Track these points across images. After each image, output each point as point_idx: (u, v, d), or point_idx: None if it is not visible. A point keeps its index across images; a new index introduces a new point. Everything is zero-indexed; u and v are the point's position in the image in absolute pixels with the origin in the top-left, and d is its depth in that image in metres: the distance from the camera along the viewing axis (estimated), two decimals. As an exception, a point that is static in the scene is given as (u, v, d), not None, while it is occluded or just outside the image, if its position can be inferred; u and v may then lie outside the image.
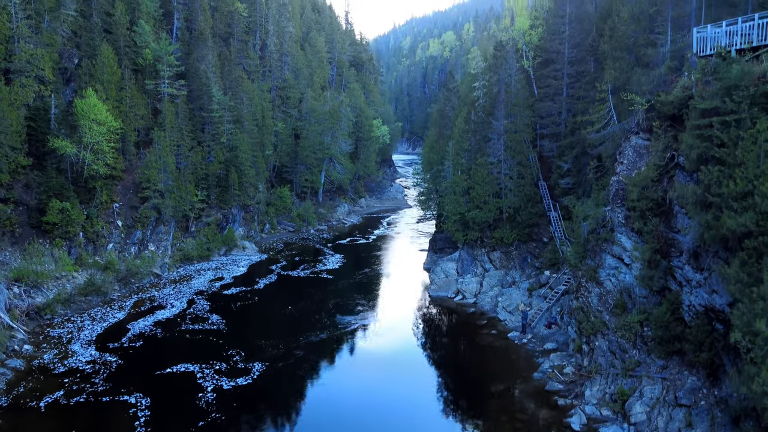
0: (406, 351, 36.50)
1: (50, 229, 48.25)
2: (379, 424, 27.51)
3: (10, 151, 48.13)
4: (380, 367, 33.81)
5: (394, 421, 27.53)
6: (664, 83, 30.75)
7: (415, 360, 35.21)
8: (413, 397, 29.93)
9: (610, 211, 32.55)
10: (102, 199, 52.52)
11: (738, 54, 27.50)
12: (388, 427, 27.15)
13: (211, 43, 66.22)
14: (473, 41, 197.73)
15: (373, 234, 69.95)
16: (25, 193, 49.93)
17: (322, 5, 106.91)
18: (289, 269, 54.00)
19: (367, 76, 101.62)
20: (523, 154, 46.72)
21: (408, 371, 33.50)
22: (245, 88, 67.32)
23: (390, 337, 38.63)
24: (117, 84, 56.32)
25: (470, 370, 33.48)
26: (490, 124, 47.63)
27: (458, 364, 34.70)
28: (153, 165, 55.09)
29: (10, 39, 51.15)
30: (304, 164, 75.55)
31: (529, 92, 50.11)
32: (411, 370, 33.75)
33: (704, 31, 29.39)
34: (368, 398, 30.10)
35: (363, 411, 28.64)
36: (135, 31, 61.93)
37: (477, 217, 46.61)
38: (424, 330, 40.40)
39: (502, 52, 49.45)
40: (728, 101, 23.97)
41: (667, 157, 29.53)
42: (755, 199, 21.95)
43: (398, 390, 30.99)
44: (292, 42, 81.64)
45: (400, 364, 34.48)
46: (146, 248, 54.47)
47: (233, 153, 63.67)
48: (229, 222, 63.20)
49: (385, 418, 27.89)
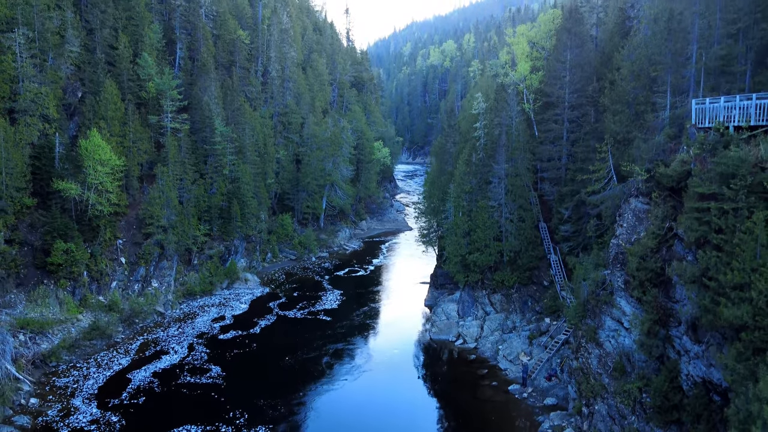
0: (407, 405, 36.91)
1: (55, 269, 48.65)
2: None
3: (15, 192, 48.53)
4: (379, 423, 34.21)
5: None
6: (663, 152, 31.17)
7: (415, 416, 35.62)
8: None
9: (610, 274, 32.99)
10: (106, 236, 52.93)
11: (736, 131, 27.95)
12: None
13: (214, 74, 66.63)
14: (474, 52, 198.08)
15: (372, 263, 70.26)
16: (29, 232, 50.33)
17: (323, 24, 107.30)
18: (288, 308, 54.19)
19: (368, 96, 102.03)
20: (523, 198, 47.16)
21: (408, 429, 33.91)
22: (247, 117, 67.75)
23: (390, 389, 39.04)
24: (120, 119, 56.72)
25: (471, 425, 33.88)
26: (491, 167, 48.05)
27: (459, 420, 35.10)
28: (156, 201, 55.50)
29: (15, 78, 51.53)
30: (305, 191, 75.99)
31: (530, 134, 50.56)
32: (411, 426, 34.16)
33: (703, 104, 29.81)
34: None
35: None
36: (138, 64, 62.31)
37: (478, 260, 47.06)
38: (426, 380, 40.79)
39: (503, 94, 49.87)
40: (726, 189, 24.39)
41: (665, 227, 29.97)
42: (752, 293, 22.38)
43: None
44: (294, 66, 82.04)
45: (400, 421, 34.86)
46: (149, 284, 54.90)
47: (235, 185, 64.10)
48: (232, 254, 63.64)
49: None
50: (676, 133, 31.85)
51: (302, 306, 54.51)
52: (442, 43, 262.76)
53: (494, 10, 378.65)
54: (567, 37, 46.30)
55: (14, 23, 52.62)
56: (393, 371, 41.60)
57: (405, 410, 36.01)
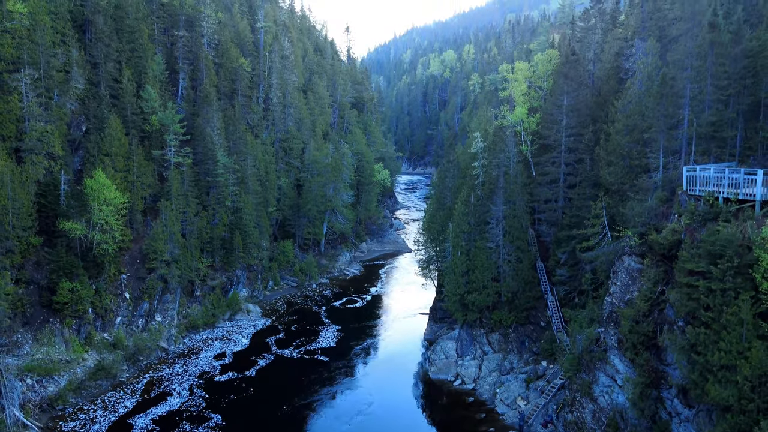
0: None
1: (60, 308, 49.49)
2: None
3: (22, 231, 49.36)
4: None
5: None
6: (655, 216, 32.05)
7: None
8: None
9: (604, 332, 33.87)
10: (110, 273, 53.80)
11: (725, 202, 28.85)
12: None
13: (216, 105, 67.51)
14: (473, 64, 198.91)
15: (371, 293, 70.74)
16: (35, 270, 51.21)
17: (324, 44, 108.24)
18: (286, 345, 54.25)
19: (368, 116, 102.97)
20: (521, 239, 48.04)
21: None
22: (249, 147, 68.65)
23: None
24: (124, 155, 57.60)
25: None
26: (488, 208, 48.92)
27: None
28: (160, 236, 56.39)
29: (21, 118, 52.39)
30: (306, 217, 76.89)
31: (528, 174, 51.43)
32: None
33: (693, 171, 30.71)
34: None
35: None
36: (142, 97, 63.19)
37: (476, 301, 47.95)
38: (425, 423, 41.64)
39: (501, 135, 50.76)
40: (713, 268, 25.27)
41: (657, 291, 30.85)
42: (738, 377, 23.25)
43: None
44: (295, 91, 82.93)
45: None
46: (153, 319, 55.78)
47: (237, 215, 64.99)
48: (234, 284, 64.52)
49: None
50: (667, 196, 32.73)
51: (300, 343, 55.02)
52: (443, 52, 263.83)
53: (494, 17, 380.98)
54: (564, 82, 47.21)
55: (20, 63, 53.50)
56: (392, 416, 42.42)
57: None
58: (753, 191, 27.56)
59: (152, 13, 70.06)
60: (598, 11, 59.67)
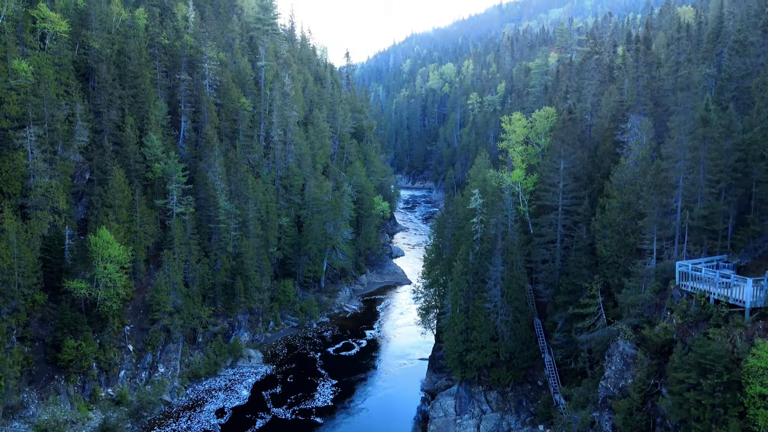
0: None
1: (65, 365, 50.26)
2: None
3: (27, 290, 50.10)
4: None
5: None
6: (649, 308, 32.87)
7: None
8: None
9: (599, 417, 34.67)
10: (114, 326, 54.55)
11: (716, 303, 29.67)
12: None
13: (218, 149, 68.27)
14: (472, 79, 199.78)
15: (368, 336, 71.10)
16: (40, 327, 51.97)
17: (324, 73, 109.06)
18: (282, 401, 54.43)
19: (368, 146, 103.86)
20: (519, 300, 48.86)
21: None
22: (250, 191, 69.39)
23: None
24: (128, 207, 58.33)
25: None
26: (487, 268, 49.73)
27: None
28: (163, 288, 57.16)
29: (26, 175, 53.09)
30: (307, 255, 77.68)
31: (525, 230, 52.26)
32: None
33: (686, 267, 31.53)
34: None
35: None
36: (144, 144, 63.95)
37: (475, 360, 48.76)
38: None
39: (499, 194, 51.56)
40: (703, 380, 26.08)
41: (651, 383, 31.67)
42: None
43: None
44: (295, 126, 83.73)
45: None
46: (156, 370, 56.53)
47: (239, 260, 65.75)
48: (235, 329, 65.31)
49: None
50: (661, 286, 33.55)
51: (296, 399, 54.87)
52: (442, 63, 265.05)
53: (493, 25, 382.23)
54: (561, 146, 48.03)
55: (25, 119, 54.22)
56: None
57: None
58: (742, 297, 28.35)
59: (154, 58, 70.79)
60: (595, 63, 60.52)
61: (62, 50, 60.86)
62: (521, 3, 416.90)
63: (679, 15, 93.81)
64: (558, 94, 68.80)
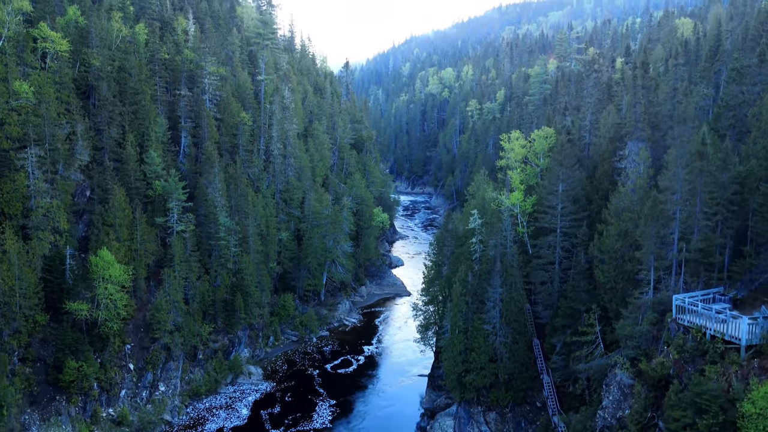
0: None
1: (66, 385, 50.50)
2: None
3: (29, 311, 50.33)
4: None
5: None
6: (646, 341, 33.16)
7: None
8: None
9: (596, 447, 34.95)
10: (115, 345, 54.82)
11: (712, 339, 29.96)
12: None
13: (218, 166, 68.49)
14: (472, 85, 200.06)
15: (366, 352, 71.00)
16: (42, 347, 52.23)
17: (324, 83, 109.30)
18: (281, 423, 54.51)
19: (368, 156, 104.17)
20: (518, 322, 49.14)
21: None
22: (250, 207, 69.63)
23: None
24: (128, 225, 58.57)
25: None
26: (486, 289, 50.00)
27: None
28: (163, 307, 57.43)
29: (27, 196, 53.31)
30: (306, 269, 77.96)
31: (524, 251, 52.52)
32: None
33: (683, 302, 31.82)
34: None
35: None
36: (145, 161, 64.21)
37: (474, 381, 49.03)
38: None
39: (498, 215, 51.84)
40: (699, 420, 26.36)
41: (648, 416, 31.95)
42: None
43: None
44: (295, 139, 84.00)
45: None
46: (157, 389, 56.79)
47: (239, 276, 66.00)
48: (236, 346, 65.57)
49: None
50: (658, 318, 33.84)
51: (294, 420, 54.99)
52: (442, 67, 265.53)
53: (493, 28, 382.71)
54: (559, 169, 48.31)
55: (26, 140, 54.44)
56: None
57: None
58: (738, 334, 28.63)
59: (154, 74, 71.05)
60: (594, 81, 60.82)
61: (63, 69, 61.11)
62: (521, 5, 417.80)
63: (678, 27, 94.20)
64: (557, 109, 69.09)
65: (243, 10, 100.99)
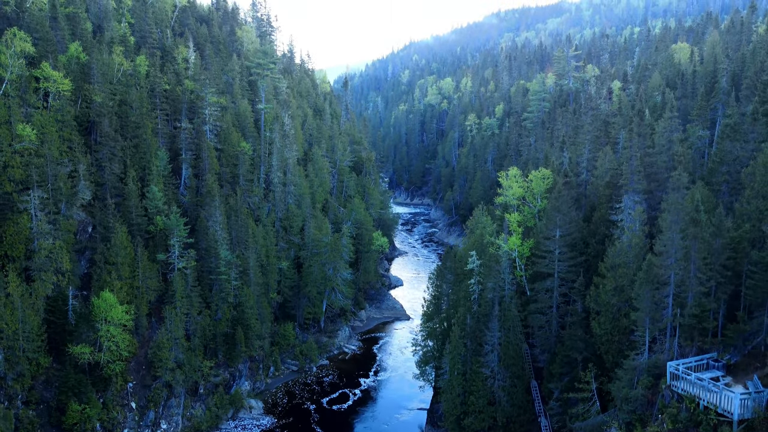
0: None
1: (69, 428, 51.03)
2: None
3: (32, 354, 50.83)
4: None
5: None
6: (641, 405, 33.73)
7: None
8: None
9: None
10: (117, 385, 55.33)
11: (705, 410, 30.54)
12: None
13: (219, 197, 68.99)
14: (471, 97, 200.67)
15: (364, 384, 71.46)
16: (45, 389, 52.77)
17: (323, 105, 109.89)
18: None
19: (367, 178, 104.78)
20: (517, 366, 49.72)
21: None
22: (251, 240, 70.14)
23: None
24: (130, 264, 59.07)
25: None
26: (484, 333, 50.59)
27: None
28: (165, 344, 57.93)
29: (30, 238, 53.81)
30: (306, 297, 78.51)
31: (522, 292, 53.11)
32: None
33: (677, 370, 32.40)
34: None
35: None
36: (146, 197, 64.75)
37: (473, 424, 49.62)
38: None
39: (497, 258, 52.40)
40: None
41: (643, 481, 32.48)
42: None
43: None
44: (295, 166, 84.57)
45: None
46: (158, 427, 57.32)
47: (240, 309, 66.51)
48: (236, 379, 66.09)
49: None
50: (653, 381, 34.42)
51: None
52: (441, 75, 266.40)
53: (491, 34, 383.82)
54: (556, 216, 48.89)
55: (29, 181, 54.95)
56: None
57: None
58: (730, 408, 29.22)
59: (155, 107, 71.61)
60: (592, 118, 61.39)
61: (65, 107, 61.71)
62: (519, 12, 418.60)
63: (674, 52, 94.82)
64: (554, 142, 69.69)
65: (243, 33, 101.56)
